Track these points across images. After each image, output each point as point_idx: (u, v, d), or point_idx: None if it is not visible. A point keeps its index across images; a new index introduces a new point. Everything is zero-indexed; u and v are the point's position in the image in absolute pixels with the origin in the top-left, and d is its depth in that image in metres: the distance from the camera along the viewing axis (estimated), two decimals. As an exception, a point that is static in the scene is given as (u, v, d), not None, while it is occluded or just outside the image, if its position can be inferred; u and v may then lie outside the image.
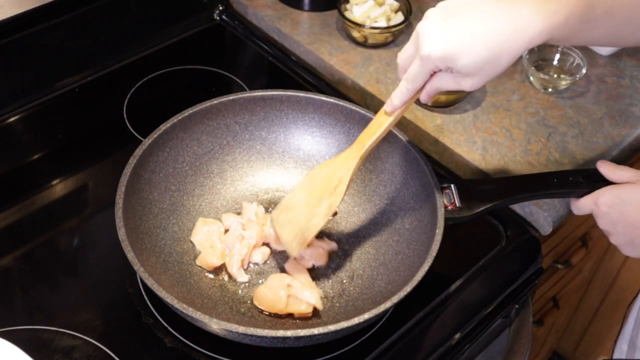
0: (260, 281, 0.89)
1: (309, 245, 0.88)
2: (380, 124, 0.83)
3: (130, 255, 0.77)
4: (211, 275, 0.89)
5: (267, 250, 0.91)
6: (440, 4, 0.74)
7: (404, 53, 0.77)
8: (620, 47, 1.15)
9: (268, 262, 0.91)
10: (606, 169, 0.82)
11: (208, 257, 0.88)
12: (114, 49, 1.18)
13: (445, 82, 0.75)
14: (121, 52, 1.18)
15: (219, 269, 0.90)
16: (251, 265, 0.91)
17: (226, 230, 0.93)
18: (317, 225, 0.84)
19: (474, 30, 0.70)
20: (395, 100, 0.79)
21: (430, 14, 0.73)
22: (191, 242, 0.91)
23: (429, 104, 1.08)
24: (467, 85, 0.73)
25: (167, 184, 0.92)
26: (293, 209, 0.86)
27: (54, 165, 1.03)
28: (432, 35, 0.71)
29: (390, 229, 0.92)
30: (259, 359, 0.83)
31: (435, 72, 0.75)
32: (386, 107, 0.81)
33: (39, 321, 0.84)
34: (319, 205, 0.84)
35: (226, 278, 0.89)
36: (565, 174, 0.87)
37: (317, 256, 0.90)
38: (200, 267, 0.89)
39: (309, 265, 0.90)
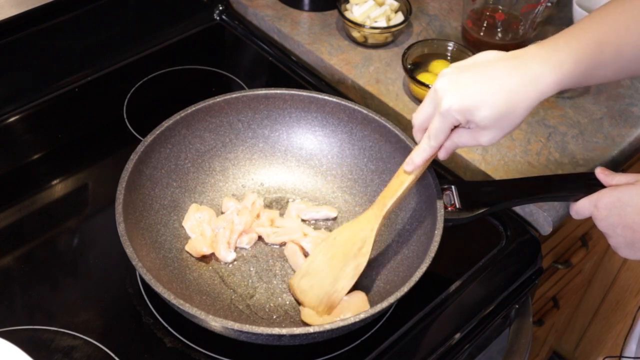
0: (251, 268, 0.90)
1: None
2: (401, 183, 0.83)
3: (129, 250, 0.77)
4: (211, 273, 0.89)
5: (254, 235, 0.92)
6: (453, 64, 0.77)
7: (421, 114, 0.79)
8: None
9: (256, 246, 0.92)
10: (604, 175, 0.82)
11: (197, 245, 0.89)
12: (114, 49, 1.18)
13: (463, 138, 0.78)
14: (121, 52, 1.18)
15: (209, 259, 0.90)
16: (238, 250, 0.91)
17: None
18: (345, 287, 0.84)
19: (490, 84, 0.73)
20: (417, 158, 0.81)
21: (445, 72, 0.76)
22: (182, 227, 0.91)
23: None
24: (484, 139, 0.76)
25: (168, 181, 0.92)
26: (315, 274, 0.86)
27: (54, 165, 1.03)
28: (451, 91, 0.74)
29: (390, 230, 0.92)
30: (259, 359, 0.83)
31: (453, 130, 0.78)
32: (406, 167, 0.82)
33: (39, 321, 0.84)
34: (344, 268, 0.84)
35: (223, 271, 0.89)
36: (565, 178, 0.87)
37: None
38: (189, 253, 0.89)
39: None
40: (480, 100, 0.73)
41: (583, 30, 0.75)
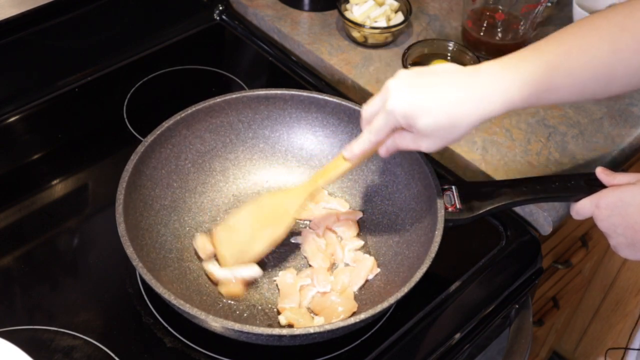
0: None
1: (339, 219, 0.94)
2: (335, 167, 0.85)
3: (129, 250, 0.77)
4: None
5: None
6: (414, 68, 0.79)
7: (370, 106, 0.80)
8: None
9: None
10: (605, 175, 0.82)
11: (233, 287, 0.87)
12: (114, 49, 1.18)
13: (404, 141, 0.79)
14: (121, 52, 1.18)
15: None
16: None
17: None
18: (258, 249, 0.87)
19: (438, 95, 0.74)
20: (356, 149, 0.82)
21: (401, 74, 0.77)
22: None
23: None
24: (424, 146, 0.77)
25: (169, 181, 0.92)
26: (236, 230, 0.88)
27: (54, 165, 1.03)
28: (399, 93, 0.75)
29: (391, 230, 0.92)
30: (258, 359, 0.83)
31: (396, 130, 0.78)
32: (345, 153, 0.83)
33: (39, 321, 0.84)
34: (262, 231, 0.87)
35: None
36: (566, 178, 0.87)
37: (347, 227, 0.94)
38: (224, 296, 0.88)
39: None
40: (424, 107, 0.73)
41: (536, 52, 0.75)
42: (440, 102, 0.73)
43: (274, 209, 0.88)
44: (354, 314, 0.85)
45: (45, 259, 0.91)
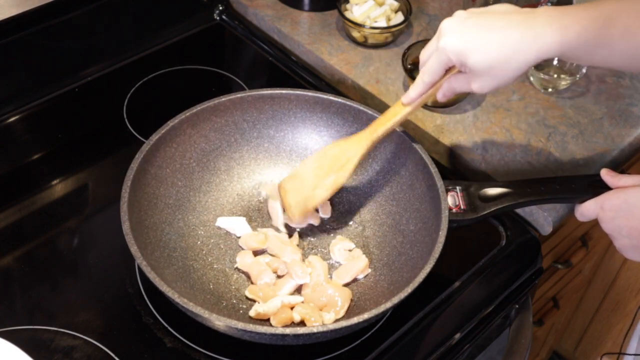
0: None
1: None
2: (395, 113, 0.86)
3: (134, 248, 0.77)
4: (215, 272, 0.89)
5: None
6: (470, 9, 0.78)
7: (426, 49, 0.81)
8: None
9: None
10: (610, 177, 0.82)
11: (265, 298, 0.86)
12: (114, 49, 1.18)
13: (459, 83, 0.80)
14: (121, 52, 1.18)
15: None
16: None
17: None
18: (321, 196, 0.89)
19: (490, 32, 0.74)
20: (412, 92, 0.83)
21: (457, 13, 0.78)
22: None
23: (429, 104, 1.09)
24: (476, 86, 0.78)
25: (173, 180, 0.92)
26: (301, 178, 0.90)
27: (54, 165, 1.03)
28: (451, 31, 0.76)
29: (395, 230, 0.92)
30: (259, 359, 0.83)
31: (451, 71, 0.79)
32: (403, 99, 0.85)
33: (39, 321, 0.84)
34: (325, 178, 0.89)
35: (227, 270, 0.89)
36: (570, 179, 0.87)
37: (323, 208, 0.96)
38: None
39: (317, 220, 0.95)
40: (476, 44, 0.74)
41: (595, 3, 0.75)
42: (492, 39, 0.73)
43: (336, 157, 0.89)
44: (352, 301, 0.86)
45: (45, 259, 0.91)
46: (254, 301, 0.86)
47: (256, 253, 0.91)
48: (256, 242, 0.91)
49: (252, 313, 0.84)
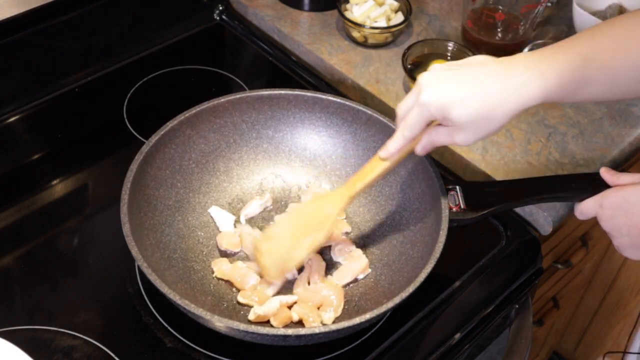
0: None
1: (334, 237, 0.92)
2: (372, 168, 0.83)
3: (134, 250, 0.77)
4: (216, 273, 0.89)
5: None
6: (447, 62, 0.78)
7: (404, 104, 0.79)
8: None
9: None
10: (609, 175, 0.82)
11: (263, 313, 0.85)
12: (114, 49, 1.18)
13: (440, 136, 0.78)
14: (121, 52, 1.18)
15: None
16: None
17: None
18: (300, 256, 0.85)
19: (472, 84, 0.73)
20: (391, 147, 0.81)
21: (434, 67, 0.77)
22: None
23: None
24: (460, 139, 0.76)
25: (173, 181, 0.92)
26: (277, 239, 0.87)
27: (54, 165, 1.03)
28: (432, 85, 0.74)
29: (395, 230, 0.92)
30: (259, 359, 0.83)
31: (431, 125, 0.78)
32: (381, 153, 0.82)
33: (39, 321, 0.84)
34: (303, 238, 0.85)
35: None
36: (570, 178, 0.87)
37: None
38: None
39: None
40: (458, 98, 0.72)
41: (571, 44, 0.75)
42: (475, 92, 0.72)
43: (313, 216, 0.86)
44: (352, 301, 0.86)
45: (45, 259, 0.91)
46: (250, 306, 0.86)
47: (230, 255, 0.91)
48: (229, 244, 0.91)
49: (251, 317, 0.83)
